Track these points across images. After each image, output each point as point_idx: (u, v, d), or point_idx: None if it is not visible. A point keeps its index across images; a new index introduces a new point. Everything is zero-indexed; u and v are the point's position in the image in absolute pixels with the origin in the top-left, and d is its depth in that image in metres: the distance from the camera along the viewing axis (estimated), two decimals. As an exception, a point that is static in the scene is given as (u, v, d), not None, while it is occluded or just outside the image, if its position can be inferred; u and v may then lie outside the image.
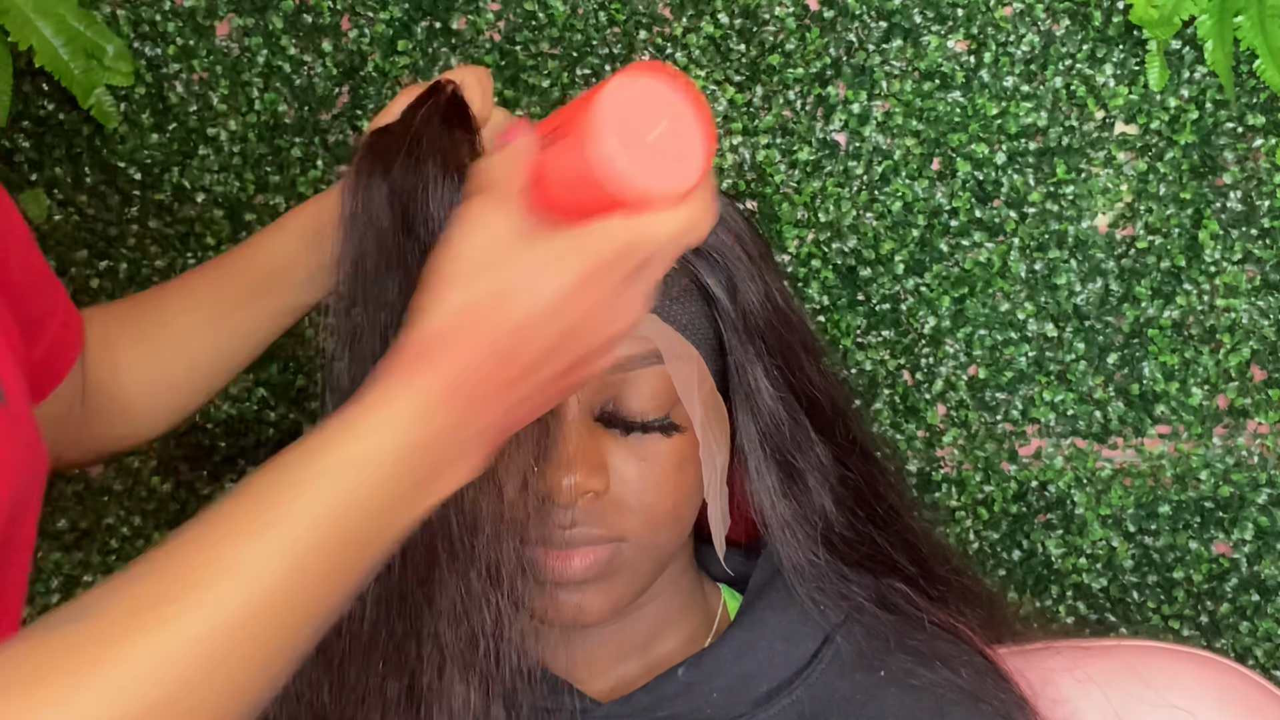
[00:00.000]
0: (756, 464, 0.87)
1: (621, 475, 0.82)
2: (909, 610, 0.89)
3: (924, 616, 0.89)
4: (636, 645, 0.89)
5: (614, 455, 0.82)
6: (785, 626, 0.88)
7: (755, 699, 0.86)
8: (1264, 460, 1.22)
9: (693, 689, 0.86)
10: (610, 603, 0.84)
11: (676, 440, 0.83)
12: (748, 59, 1.20)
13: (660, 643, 0.90)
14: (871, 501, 0.91)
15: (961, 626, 0.90)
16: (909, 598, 0.89)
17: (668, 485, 0.83)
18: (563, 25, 1.20)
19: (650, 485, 0.83)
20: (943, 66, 1.19)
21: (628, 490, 0.82)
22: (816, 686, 0.87)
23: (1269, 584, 1.23)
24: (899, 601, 0.90)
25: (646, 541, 0.83)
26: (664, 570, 0.87)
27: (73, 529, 1.25)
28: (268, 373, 1.23)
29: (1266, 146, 1.19)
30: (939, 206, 1.20)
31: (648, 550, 0.84)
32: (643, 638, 0.89)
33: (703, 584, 0.93)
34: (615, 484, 0.82)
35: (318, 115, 1.21)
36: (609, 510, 0.82)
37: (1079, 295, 1.21)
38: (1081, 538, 1.23)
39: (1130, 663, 0.95)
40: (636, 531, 0.83)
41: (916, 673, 0.87)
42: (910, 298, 1.21)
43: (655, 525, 0.83)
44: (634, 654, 0.89)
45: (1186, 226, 1.20)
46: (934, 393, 1.22)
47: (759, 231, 0.91)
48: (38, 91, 1.21)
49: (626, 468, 0.82)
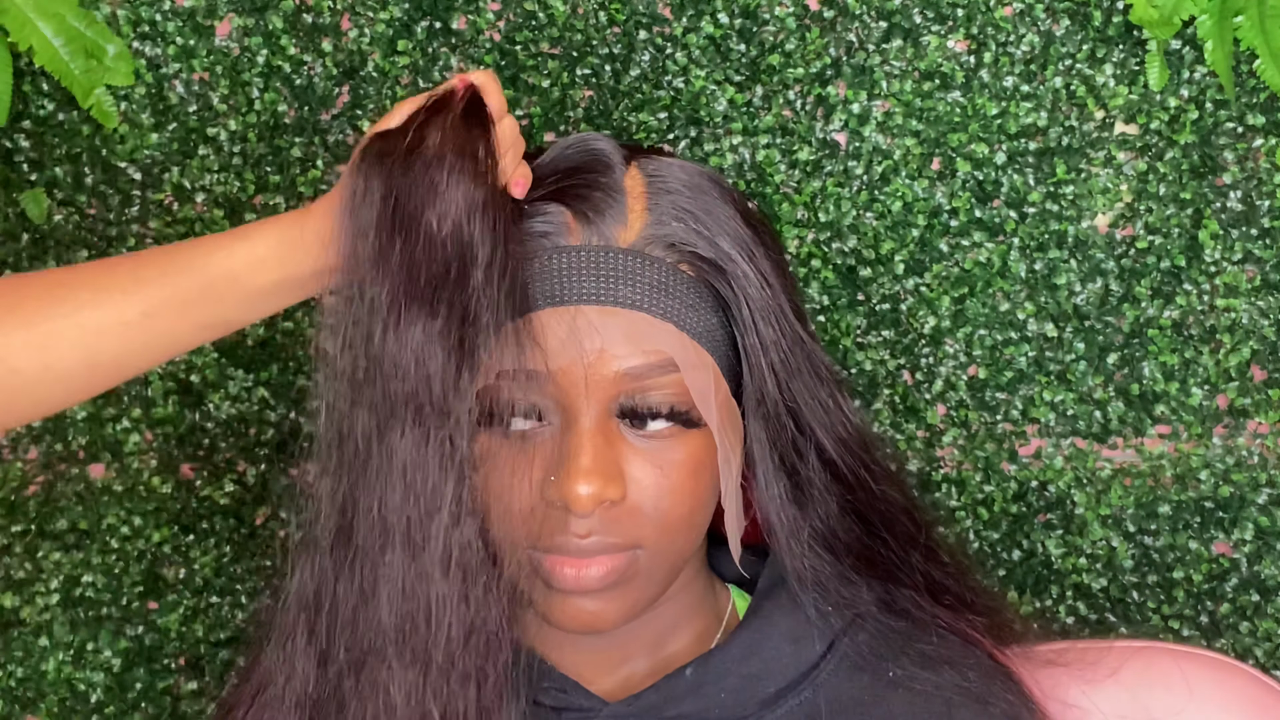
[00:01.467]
0: (765, 471, 0.87)
1: (638, 483, 0.82)
2: (916, 614, 0.89)
3: (931, 620, 0.89)
4: (647, 645, 0.89)
5: (630, 463, 0.82)
6: (793, 628, 0.88)
7: (763, 700, 0.86)
8: (1264, 460, 1.22)
9: (700, 689, 0.86)
10: (626, 609, 0.84)
11: (692, 445, 0.83)
12: (748, 59, 1.20)
13: (670, 643, 0.90)
14: (880, 510, 0.90)
15: (969, 629, 0.90)
16: (915, 601, 0.89)
17: (683, 492, 0.83)
18: (563, 25, 1.20)
19: (666, 492, 0.82)
20: (943, 66, 1.19)
21: (644, 498, 0.82)
22: (824, 688, 0.87)
23: (1269, 584, 1.23)
24: (906, 606, 0.89)
25: (663, 548, 0.83)
26: (678, 575, 0.87)
27: (73, 529, 1.25)
28: (268, 372, 1.23)
29: (1266, 146, 1.19)
30: (939, 206, 1.20)
31: (664, 556, 0.84)
32: (653, 638, 0.89)
33: (713, 585, 0.93)
34: (632, 491, 0.82)
35: (318, 115, 1.21)
36: (625, 518, 0.82)
37: (1079, 295, 1.21)
38: (1081, 538, 1.23)
39: (1138, 665, 0.95)
40: (653, 539, 0.83)
41: (924, 676, 0.87)
42: (910, 298, 1.21)
43: (671, 532, 0.83)
44: (643, 653, 0.89)
45: (1186, 226, 1.20)
46: (934, 393, 1.22)
47: (776, 234, 0.91)
48: (38, 91, 1.21)
49: (643, 475, 0.82)
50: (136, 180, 1.22)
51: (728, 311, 0.86)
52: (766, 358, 0.86)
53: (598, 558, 0.81)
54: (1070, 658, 0.94)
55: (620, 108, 1.20)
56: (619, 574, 0.82)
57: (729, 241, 0.85)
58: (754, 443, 0.87)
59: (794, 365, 0.86)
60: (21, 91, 1.20)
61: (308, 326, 1.22)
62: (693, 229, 0.84)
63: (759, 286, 0.85)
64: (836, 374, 0.90)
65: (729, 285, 0.85)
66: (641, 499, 0.82)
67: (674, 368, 0.82)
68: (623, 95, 1.20)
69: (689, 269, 0.84)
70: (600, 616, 0.82)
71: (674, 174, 0.86)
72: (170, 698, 1.25)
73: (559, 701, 0.86)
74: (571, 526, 0.80)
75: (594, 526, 0.81)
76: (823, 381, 0.88)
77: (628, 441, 0.82)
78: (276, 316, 1.22)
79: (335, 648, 0.78)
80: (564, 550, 0.81)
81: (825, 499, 0.87)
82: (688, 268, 0.84)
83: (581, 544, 0.81)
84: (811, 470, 0.87)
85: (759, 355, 0.86)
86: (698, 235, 0.84)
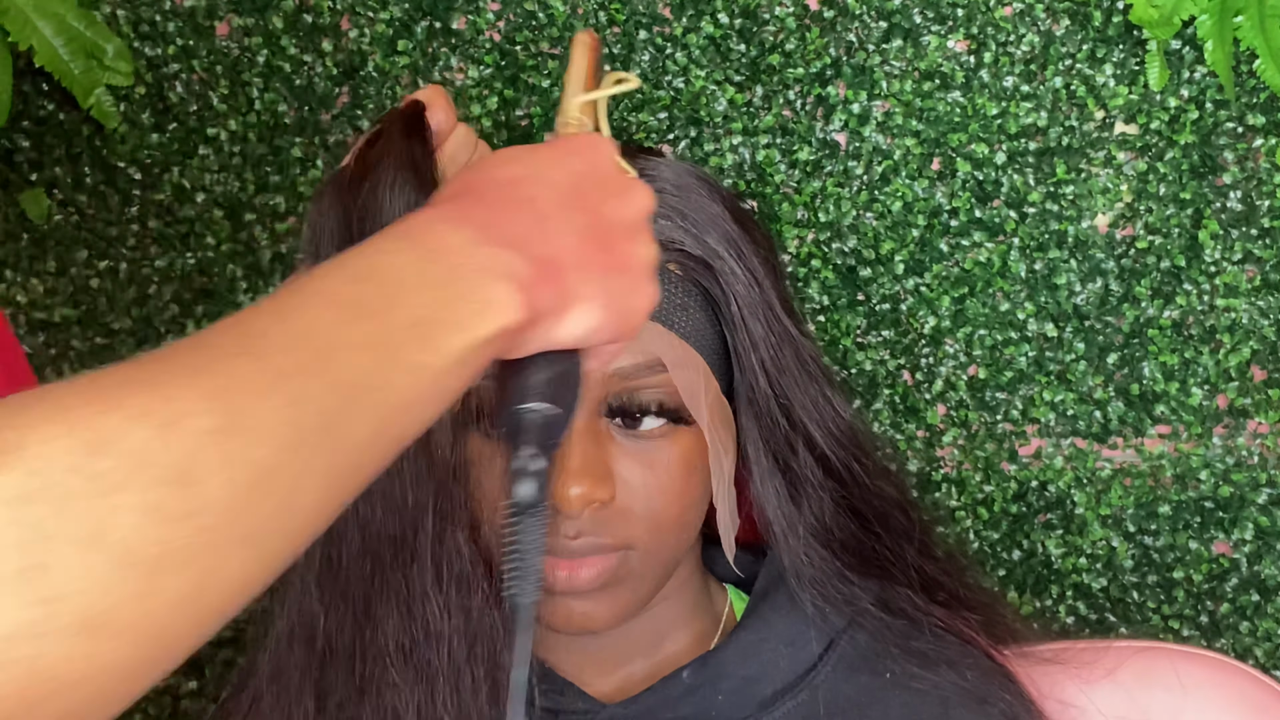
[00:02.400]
0: (760, 470, 0.87)
1: (628, 483, 0.82)
2: (913, 613, 0.89)
3: (928, 619, 0.89)
4: (643, 646, 0.89)
5: (620, 464, 0.82)
6: (790, 629, 0.88)
7: (761, 701, 0.86)
8: (1264, 460, 1.22)
9: (698, 691, 0.86)
10: (618, 610, 0.83)
11: (682, 444, 0.83)
12: (748, 59, 1.20)
13: (667, 644, 0.90)
14: (875, 505, 0.90)
15: (966, 629, 0.90)
16: (913, 601, 0.89)
17: (674, 492, 0.83)
18: (563, 25, 1.20)
19: (656, 492, 0.82)
20: (943, 66, 1.19)
21: (634, 498, 0.82)
22: (822, 689, 0.87)
23: (1269, 584, 1.22)
24: (903, 605, 0.89)
25: (654, 548, 0.83)
26: (671, 575, 0.87)
27: (73, 529, 1.25)
28: (268, 373, 1.23)
29: (1266, 146, 1.18)
30: (939, 206, 1.20)
31: (655, 557, 0.84)
32: (650, 639, 0.89)
33: (710, 585, 0.93)
34: (622, 493, 0.81)
35: (318, 115, 1.21)
36: (616, 519, 0.81)
37: (1079, 295, 1.21)
38: (1081, 538, 1.23)
39: (1136, 665, 0.95)
40: (644, 539, 0.82)
41: (922, 675, 0.87)
42: (910, 298, 1.21)
43: (662, 532, 0.83)
44: (640, 655, 0.89)
45: (1186, 226, 1.20)
46: (934, 393, 1.22)
47: (766, 232, 0.91)
48: (38, 91, 1.21)
49: (632, 475, 0.82)
50: (136, 180, 1.22)
51: (717, 309, 0.86)
52: (756, 355, 0.85)
53: (589, 559, 0.81)
54: (1067, 657, 0.94)
55: (620, 108, 1.20)
56: (610, 575, 0.82)
57: (716, 238, 0.85)
58: (747, 440, 0.87)
59: (783, 362, 0.86)
60: (21, 91, 1.20)
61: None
62: (680, 226, 0.84)
63: (747, 284, 0.85)
64: (827, 370, 0.89)
65: (717, 283, 0.85)
66: (631, 500, 0.82)
67: (663, 367, 0.82)
68: (623, 95, 1.20)
69: (676, 267, 0.84)
70: (592, 617, 0.82)
71: (661, 172, 0.86)
72: (170, 698, 1.25)
73: (556, 704, 0.86)
74: (561, 528, 0.80)
75: (584, 528, 0.80)
76: (812, 377, 0.88)
77: (617, 442, 0.82)
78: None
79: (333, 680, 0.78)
80: (555, 552, 0.81)
81: (819, 495, 0.87)
82: (675, 266, 0.84)
83: (572, 545, 0.81)
84: (805, 466, 0.87)
85: (749, 353, 0.85)
86: (685, 233, 0.84)
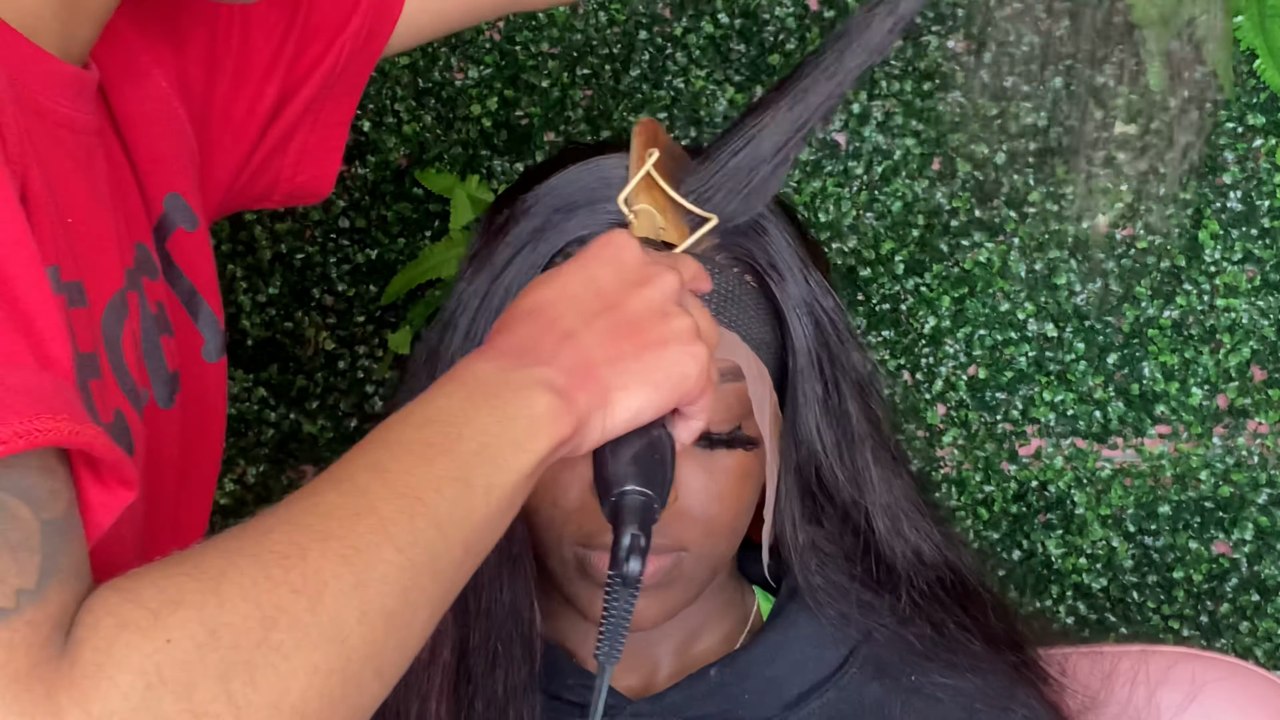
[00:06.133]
0: (785, 488, 0.87)
1: (689, 488, 0.83)
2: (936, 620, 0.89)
3: (950, 625, 0.89)
4: (674, 644, 0.90)
5: (682, 468, 0.82)
6: (816, 632, 0.89)
7: (786, 702, 0.87)
8: (1264, 460, 1.22)
9: (724, 689, 0.87)
10: (665, 610, 0.85)
11: (741, 453, 0.84)
12: (748, 59, 1.20)
13: (697, 642, 0.90)
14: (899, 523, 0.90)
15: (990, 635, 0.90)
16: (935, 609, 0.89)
17: (730, 498, 0.84)
18: (563, 25, 1.20)
19: (715, 498, 0.83)
20: (943, 66, 1.19)
21: (694, 502, 0.83)
22: (846, 691, 0.87)
23: (1269, 584, 1.22)
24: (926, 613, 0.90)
25: (706, 552, 0.84)
26: (716, 579, 0.88)
27: (72, 529, 1.25)
28: (268, 372, 1.23)
29: (1266, 146, 1.19)
30: (939, 206, 1.20)
31: (707, 560, 0.85)
32: (682, 637, 0.90)
33: (741, 586, 0.94)
34: (682, 496, 0.82)
35: (318, 115, 1.21)
36: (673, 521, 0.82)
37: (1079, 295, 1.21)
38: (1081, 538, 1.23)
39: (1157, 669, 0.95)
40: (698, 542, 0.84)
41: (945, 682, 0.87)
42: (910, 298, 1.21)
43: (716, 537, 0.84)
44: (670, 652, 0.90)
45: (1186, 226, 1.20)
46: (934, 393, 1.22)
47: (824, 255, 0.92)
48: (37, 91, 1.20)
49: (693, 480, 0.83)
50: (136, 180, 1.22)
51: (784, 330, 0.86)
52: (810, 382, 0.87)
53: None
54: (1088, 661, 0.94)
55: (620, 108, 1.20)
56: (664, 574, 0.83)
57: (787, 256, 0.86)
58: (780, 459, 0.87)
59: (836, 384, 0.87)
60: (21, 91, 1.20)
61: (307, 327, 1.22)
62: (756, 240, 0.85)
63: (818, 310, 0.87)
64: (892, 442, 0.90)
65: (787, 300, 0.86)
66: (691, 503, 0.83)
67: (737, 377, 0.82)
68: (623, 95, 1.20)
69: (752, 279, 0.85)
70: (642, 615, 0.83)
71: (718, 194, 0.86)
72: None
73: (582, 697, 0.87)
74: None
75: None
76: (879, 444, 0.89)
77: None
78: (276, 316, 1.22)
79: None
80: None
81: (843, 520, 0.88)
82: (751, 277, 0.85)
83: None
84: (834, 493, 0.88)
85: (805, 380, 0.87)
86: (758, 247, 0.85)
